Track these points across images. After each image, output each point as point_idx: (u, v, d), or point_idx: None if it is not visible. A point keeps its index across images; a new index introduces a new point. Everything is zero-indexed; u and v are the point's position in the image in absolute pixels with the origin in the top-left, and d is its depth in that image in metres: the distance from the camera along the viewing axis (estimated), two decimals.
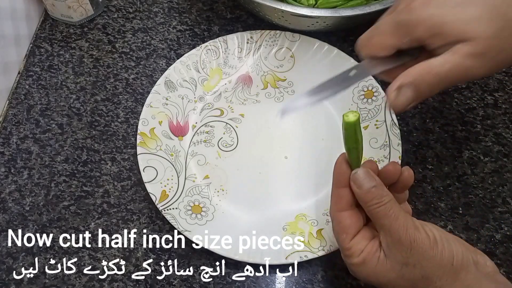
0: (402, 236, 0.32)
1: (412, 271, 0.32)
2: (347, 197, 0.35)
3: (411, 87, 0.31)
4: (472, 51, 0.29)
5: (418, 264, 0.31)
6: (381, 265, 0.33)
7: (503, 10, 0.29)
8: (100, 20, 0.56)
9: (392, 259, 0.32)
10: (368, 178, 0.34)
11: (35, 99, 0.51)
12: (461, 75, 0.30)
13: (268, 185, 0.46)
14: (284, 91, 0.51)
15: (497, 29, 0.29)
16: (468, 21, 0.29)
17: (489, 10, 0.29)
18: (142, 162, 0.44)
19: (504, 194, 0.47)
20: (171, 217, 0.42)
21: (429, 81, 0.31)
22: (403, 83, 0.31)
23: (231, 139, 0.49)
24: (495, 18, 0.29)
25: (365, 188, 0.33)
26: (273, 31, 0.52)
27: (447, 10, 0.30)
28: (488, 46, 0.29)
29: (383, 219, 0.32)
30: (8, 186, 0.46)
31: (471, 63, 0.30)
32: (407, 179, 0.35)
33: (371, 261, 0.33)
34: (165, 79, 0.49)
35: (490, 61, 0.30)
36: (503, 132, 0.50)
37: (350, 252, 0.34)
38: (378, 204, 0.33)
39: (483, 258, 0.34)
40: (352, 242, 0.34)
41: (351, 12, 0.46)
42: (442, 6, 0.30)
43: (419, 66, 0.31)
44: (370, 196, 0.33)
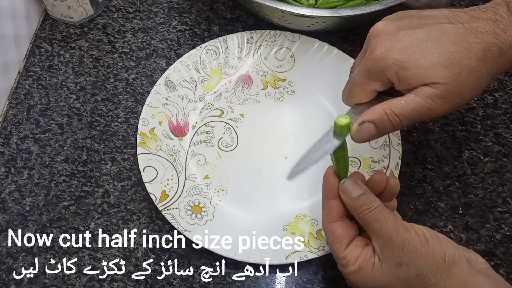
0: (394, 237, 0.33)
1: (406, 271, 0.32)
2: (337, 208, 0.36)
3: (372, 124, 0.34)
4: (433, 94, 0.32)
5: (412, 263, 0.32)
6: (376, 269, 0.33)
7: (458, 58, 0.32)
8: (100, 20, 0.56)
9: (386, 262, 0.33)
10: (356, 186, 0.35)
11: (35, 99, 0.51)
12: (423, 114, 0.33)
13: (268, 185, 0.46)
14: (284, 91, 0.51)
15: (454, 74, 0.32)
16: (428, 68, 0.32)
17: (446, 58, 0.32)
18: (142, 162, 0.44)
19: (504, 194, 0.47)
20: (171, 217, 0.42)
21: (390, 120, 0.33)
22: (365, 120, 0.34)
23: (231, 139, 0.49)
24: (451, 65, 0.32)
25: (353, 196, 0.35)
26: (273, 31, 0.52)
27: (408, 57, 0.33)
28: (447, 90, 0.32)
29: (373, 223, 0.34)
30: (8, 186, 0.46)
31: (432, 104, 0.33)
32: (393, 187, 0.37)
33: (367, 267, 0.34)
34: (165, 79, 0.49)
35: (449, 102, 0.33)
36: (503, 132, 0.50)
37: (345, 261, 0.35)
38: (368, 209, 0.34)
39: (475, 255, 0.35)
40: (346, 251, 0.35)
41: (351, 12, 0.46)
42: (403, 53, 0.33)
43: (382, 105, 0.34)
44: (359, 203, 0.34)
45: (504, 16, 0.33)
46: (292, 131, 0.49)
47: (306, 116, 0.50)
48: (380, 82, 0.34)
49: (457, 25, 0.33)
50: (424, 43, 0.33)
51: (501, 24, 0.33)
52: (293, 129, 0.49)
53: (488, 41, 0.33)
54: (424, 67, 0.32)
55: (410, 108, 0.33)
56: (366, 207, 0.34)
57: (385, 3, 0.47)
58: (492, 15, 0.33)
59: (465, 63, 0.32)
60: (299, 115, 0.50)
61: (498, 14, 0.33)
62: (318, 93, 0.51)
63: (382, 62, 0.33)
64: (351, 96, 0.37)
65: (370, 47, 0.35)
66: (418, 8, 0.51)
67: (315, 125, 0.49)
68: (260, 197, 0.45)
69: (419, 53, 0.33)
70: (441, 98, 0.32)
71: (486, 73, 0.33)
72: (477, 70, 0.33)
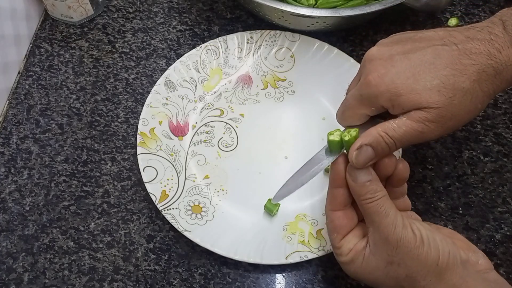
0: (390, 234, 0.33)
1: (396, 270, 0.33)
2: (341, 198, 0.36)
3: (370, 147, 0.34)
4: (425, 117, 0.32)
5: (403, 263, 0.32)
6: (367, 263, 0.34)
7: (452, 81, 0.32)
8: (100, 20, 0.56)
9: (378, 257, 0.33)
10: (364, 171, 0.35)
11: (35, 99, 0.51)
12: (416, 137, 0.33)
13: (268, 185, 0.46)
14: (284, 91, 0.51)
15: (447, 98, 0.32)
16: (421, 92, 0.32)
17: (439, 82, 0.32)
18: (142, 162, 0.44)
19: (504, 194, 0.47)
20: (171, 217, 0.42)
21: (386, 142, 0.34)
22: (363, 143, 0.34)
23: (231, 139, 0.49)
24: (444, 89, 0.32)
25: (360, 181, 0.34)
26: (273, 31, 0.52)
27: (401, 82, 0.33)
28: (440, 114, 0.32)
29: (374, 215, 0.34)
30: (8, 186, 0.46)
31: (425, 127, 0.33)
32: (402, 172, 0.36)
33: (358, 259, 0.35)
34: (165, 79, 0.49)
35: (442, 125, 0.33)
36: (503, 132, 0.50)
37: (339, 251, 0.36)
38: (370, 199, 0.34)
39: (476, 256, 0.34)
40: (342, 241, 0.36)
41: (351, 12, 0.46)
42: (396, 79, 0.33)
43: (376, 128, 0.34)
44: (364, 190, 0.34)
45: (500, 35, 0.33)
46: (292, 131, 0.49)
47: (306, 116, 0.50)
48: (372, 107, 0.35)
49: (451, 47, 0.33)
50: (417, 68, 0.33)
51: (496, 44, 0.33)
52: (293, 129, 0.49)
53: (483, 62, 0.32)
54: (417, 92, 0.32)
55: (402, 131, 0.33)
56: (369, 196, 0.34)
57: (385, 3, 0.47)
58: (487, 34, 0.33)
59: (459, 86, 0.32)
60: (299, 115, 0.50)
61: (493, 34, 0.33)
62: (318, 93, 0.51)
63: (375, 88, 0.34)
64: (344, 118, 0.38)
65: (364, 73, 0.35)
66: (418, 8, 0.51)
67: (315, 125, 0.49)
68: (260, 197, 0.45)
69: (412, 78, 0.33)
70: (434, 122, 0.32)
71: (481, 95, 0.33)
72: (472, 92, 0.32)
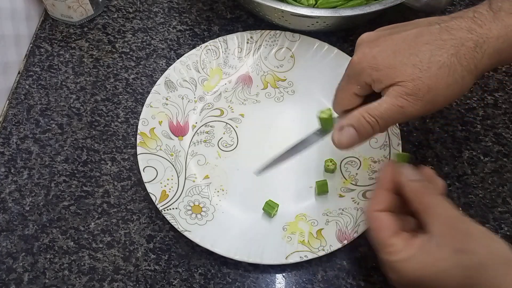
0: (459, 223, 0.33)
1: (468, 258, 0.31)
2: (389, 201, 0.36)
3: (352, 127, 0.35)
4: (403, 91, 0.33)
5: (474, 251, 0.31)
6: (429, 254, 0.32)
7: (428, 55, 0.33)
8: (100, 20, 0.56)
9: (444, 248, 0.32)
10: (417, 172, 0.36)
11: (35, 99, 0.51)
12: (397, 113, 0.34)
13: (268, 185, 0.46)
14: (284, 91, 0.51)
15: (422, 71, 0.33)
16: (397, 67, 0.34)
17: (415, 57, 0.34)
18: (142, 162, 0.44)
19: (504, 194, 0.47)
20: (171, 217, 0.42)
21: (368, 121, 0.35)
22: (344, 124, 0.36)
23: (231, 139, 0.49)
24: (419, 63, 0.33)
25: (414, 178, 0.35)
26: (273, 31, 0.52)
27: (382, 59, 0.34)
28: (416, 86, 0.33)
29: (437, 207, 0.34)
30: (8, 186, 0.46)
31: (404, 102, 0.33)
32: None
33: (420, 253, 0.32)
34: (165, 79, 0.49)
35: (421, 99, 0.33)
36: (503, 132, 0.50)
37: (393, 248, 0.33)
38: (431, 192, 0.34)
39: None
40: (394, 238, 0.34)
41: (351, 12, 0.46)
42: (378, 56, 0.35)
43: (359, 109, 0.35)
44: (422, 185, 0.35)
45: (484, 12, 0.34)
46: (292, 131, 0.49)
47: (306, 116, 0.50)
48: (358, 85, 0.36)
49: (434, 26, 0.34)
50: (399, 45, 0.34)
51: (478, 20, 0.34)
52: (293, 129, 0.49)
53: (462, 36, 0.33)
54: (394, 66, 0.34)
55: (383, 108, 0.34)
56: (430, 191, 0.34)
57: (385, 3, 0.47)
58: (471, 13, 0.34)
59: (435, 59, 0.33)
60: (299, 115, 0.50)
61: (477, 12, 0.34)
62: (318, 93, 0.51)
63: (358, 65, 0.35)
64: (337, 102, 0.39)
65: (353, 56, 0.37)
66: (418, 8, 0.51)
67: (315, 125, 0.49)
68: (260, 197, 0.45)
69: (392, 55, 0.34)
70: (411, 96, 0.33)
71: (461, 69, 0.33)
72: (449, 65, 0.33)
